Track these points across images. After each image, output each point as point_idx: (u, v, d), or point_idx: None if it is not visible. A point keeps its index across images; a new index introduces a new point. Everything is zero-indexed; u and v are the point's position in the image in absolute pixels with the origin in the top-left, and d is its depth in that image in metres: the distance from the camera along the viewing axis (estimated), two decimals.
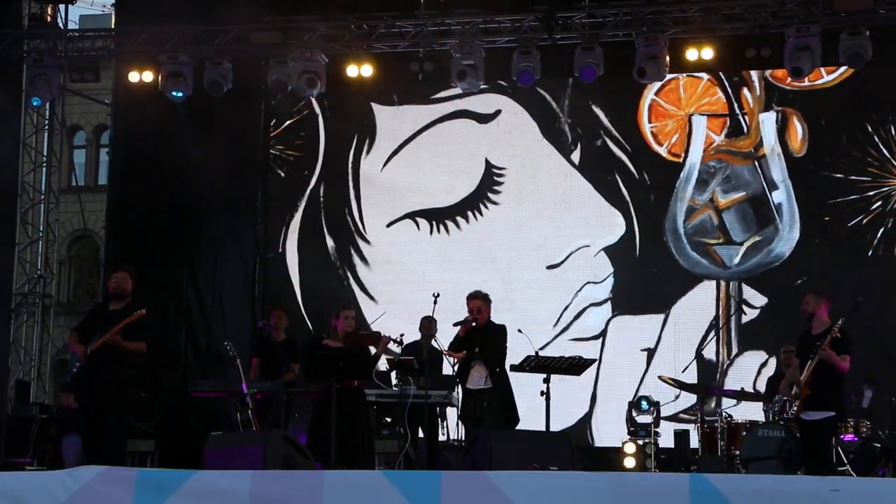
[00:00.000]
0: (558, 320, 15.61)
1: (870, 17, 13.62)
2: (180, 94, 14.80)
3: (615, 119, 15.93)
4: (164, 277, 15.42)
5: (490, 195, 16.14)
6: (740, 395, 12.93)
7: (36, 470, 12.19)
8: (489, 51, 14.57)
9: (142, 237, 15.79)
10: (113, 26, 17.41)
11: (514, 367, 11.39)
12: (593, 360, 11.66)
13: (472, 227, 16.17)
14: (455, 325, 11.63)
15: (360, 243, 16.45)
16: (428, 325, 13.38)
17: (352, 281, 16.39)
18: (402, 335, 12.52)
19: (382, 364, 12.67)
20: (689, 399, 13.92)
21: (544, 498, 6.95)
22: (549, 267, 15.84)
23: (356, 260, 16.44)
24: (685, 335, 15.21)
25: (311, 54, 14.71)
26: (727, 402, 13.14)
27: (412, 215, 16.33)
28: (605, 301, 15.67)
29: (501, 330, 11.66)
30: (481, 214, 16.16)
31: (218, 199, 16.12)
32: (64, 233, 23.29)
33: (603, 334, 15.43)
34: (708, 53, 14.38)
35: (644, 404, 13.22)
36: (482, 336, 11.51)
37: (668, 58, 14.11)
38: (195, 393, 13.15)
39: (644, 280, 15.68)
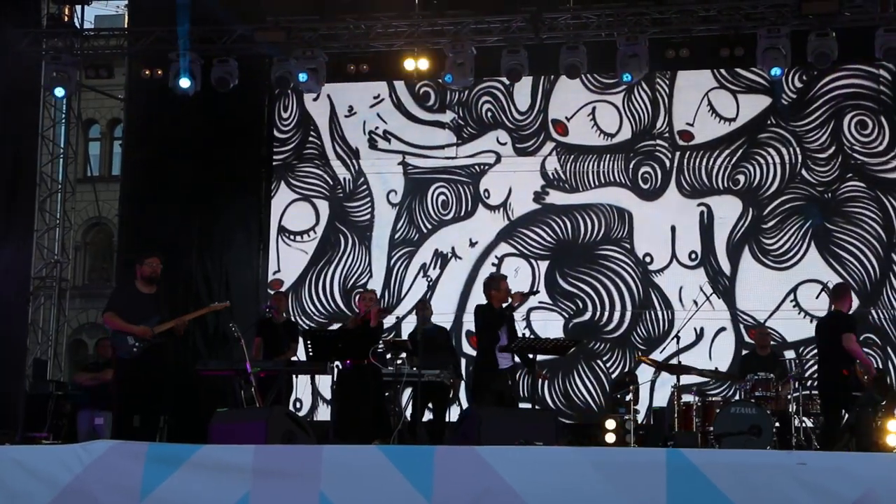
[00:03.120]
0: None
1: (835, 18, 13.63)
2: (188, 90, 14.74)
3: None
4: (174, 263, 15.26)
5: None
6: (714, 375, 12.91)
7: (52, 444, 12.14)
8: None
9: (153, 225, 15.70)
10: (126, 26, 17.34)
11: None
12: (578, 342, 11.60)
13: None
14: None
15: None
16: (423, 308, 13.37)
17: None
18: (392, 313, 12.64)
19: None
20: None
21: (530, 471, 6.94)
22: None
23: None
24: None
25: (312, 53, 14.67)
26: None
27: None
28: None
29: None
30: None
31: (224, 189, 16.09)
32: (79, 220, 23.21)
33: None
34: (685, 53, 14.43)
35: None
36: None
37: (647, 56, 14.11)
38: (203, 372, 13.10)
39: None
